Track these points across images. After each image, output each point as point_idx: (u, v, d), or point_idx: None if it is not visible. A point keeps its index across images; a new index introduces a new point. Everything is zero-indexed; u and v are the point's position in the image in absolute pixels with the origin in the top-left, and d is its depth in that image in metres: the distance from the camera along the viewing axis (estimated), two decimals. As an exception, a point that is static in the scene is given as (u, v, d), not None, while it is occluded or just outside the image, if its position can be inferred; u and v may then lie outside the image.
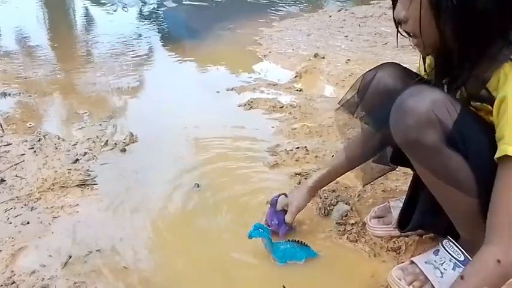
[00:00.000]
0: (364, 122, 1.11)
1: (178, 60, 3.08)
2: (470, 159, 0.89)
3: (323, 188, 1.50)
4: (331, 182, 1.37)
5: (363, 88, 1.11)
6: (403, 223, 1.20)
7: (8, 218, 1.41)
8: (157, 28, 3.89)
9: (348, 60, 2.76)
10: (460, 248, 1.05)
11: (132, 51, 3.23)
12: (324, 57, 2.83)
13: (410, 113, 0.87)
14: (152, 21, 4.09)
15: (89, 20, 4.34)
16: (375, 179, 1.35)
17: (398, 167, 1.58)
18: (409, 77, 1.07)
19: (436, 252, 1.08)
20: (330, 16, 3.91)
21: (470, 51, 0.87)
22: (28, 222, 1.39)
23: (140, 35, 3.65)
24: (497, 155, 0.85)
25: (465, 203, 0.94)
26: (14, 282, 1.16)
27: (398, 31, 0.99)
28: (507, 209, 0.84)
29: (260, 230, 1.19)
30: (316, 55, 2.85)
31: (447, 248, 1.06)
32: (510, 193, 0.85)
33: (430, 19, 0.86)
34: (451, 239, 1.07)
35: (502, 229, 0.85)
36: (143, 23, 4.06)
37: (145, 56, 3.13)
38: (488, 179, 0.88)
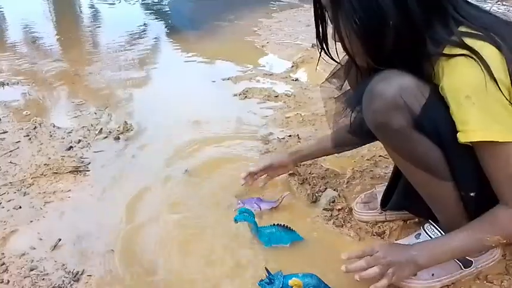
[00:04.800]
0: (341, 101, 1.11)
1: (176, 50, 3.08)
2: (441, 143, 0.90)
3: (312, 175, 1.52)
4: (311, 157, 1.46)
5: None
6: (385, 203, 1.22)
7: (1, 203, 1.43)
8: (158, 19, 3.90)
9: (346, 50, 2.74)
10: (441, 231, 1.06)
11: (131, 42, 3.24)
12: (321, 48, 2.82)
13: (379, 97, 0.88)
14: (153, 13, 4.10)
15: (92, 11, 4.35)
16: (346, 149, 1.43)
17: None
18: None
19: (418, 236, 1.10)
20: (330, 7, 3.89)
21: (406, 58, 0.89)
22: (20, 207, 1.42)
23: (140, 26, 3.66)
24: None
25: (437, 185, 0.95)
26: (3, 263, 1.18)
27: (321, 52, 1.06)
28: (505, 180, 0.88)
29: (245, 214, 1.21)
30: (313, 45, 2.85)
31: (428, 232, 1.08)
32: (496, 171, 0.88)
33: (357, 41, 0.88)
34: (433, 223, 1.08)
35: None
36: (144, 14, 4.07)
37: (142, 47, 3.13)
38: (460, 161, 0.89)
